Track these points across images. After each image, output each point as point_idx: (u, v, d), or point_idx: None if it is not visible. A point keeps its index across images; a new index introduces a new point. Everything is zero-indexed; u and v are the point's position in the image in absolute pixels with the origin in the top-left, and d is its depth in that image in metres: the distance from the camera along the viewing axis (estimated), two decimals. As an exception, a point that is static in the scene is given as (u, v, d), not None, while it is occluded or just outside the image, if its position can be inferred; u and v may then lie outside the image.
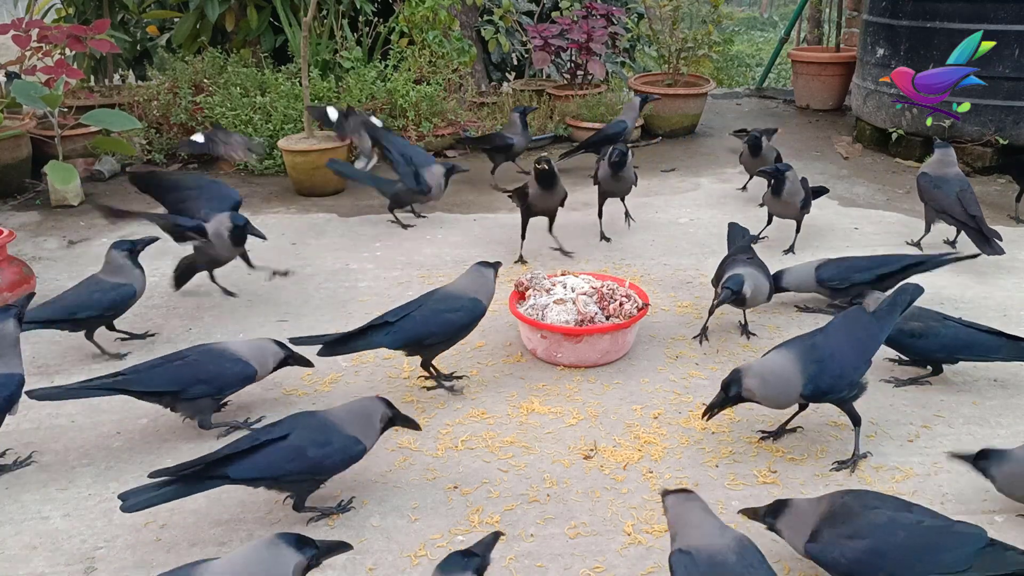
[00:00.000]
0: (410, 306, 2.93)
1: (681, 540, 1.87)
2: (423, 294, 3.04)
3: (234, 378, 2.73)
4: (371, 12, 6.22)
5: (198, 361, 2.70)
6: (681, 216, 4.77)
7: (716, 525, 1.90)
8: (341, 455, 2.32)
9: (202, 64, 5.91)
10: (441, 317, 2.89)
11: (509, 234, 4.46)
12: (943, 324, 2.92)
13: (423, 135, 5.84)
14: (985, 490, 2.44)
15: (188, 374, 2.66)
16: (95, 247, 4.46)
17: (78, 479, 2.57)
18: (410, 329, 2.85)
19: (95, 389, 2.63)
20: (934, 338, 2.89)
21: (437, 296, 2.99)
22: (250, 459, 2.23)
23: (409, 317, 2.86)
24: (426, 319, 2.87)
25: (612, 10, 6.67)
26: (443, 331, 2.91)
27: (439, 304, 2.93)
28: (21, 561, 2.24)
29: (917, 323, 2.91)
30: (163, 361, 2.72)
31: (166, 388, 2.65)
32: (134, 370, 2.70)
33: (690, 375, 3.11)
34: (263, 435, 2.29)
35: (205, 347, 2.82)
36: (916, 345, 2.92)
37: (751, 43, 12.12)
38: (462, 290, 3.02)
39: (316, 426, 2.33)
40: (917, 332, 2.90)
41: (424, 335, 2.88)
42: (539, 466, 2.60)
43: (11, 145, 5.21)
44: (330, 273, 4.07)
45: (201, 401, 2.69)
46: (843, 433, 2.73)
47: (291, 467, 2.25)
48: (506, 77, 7.80)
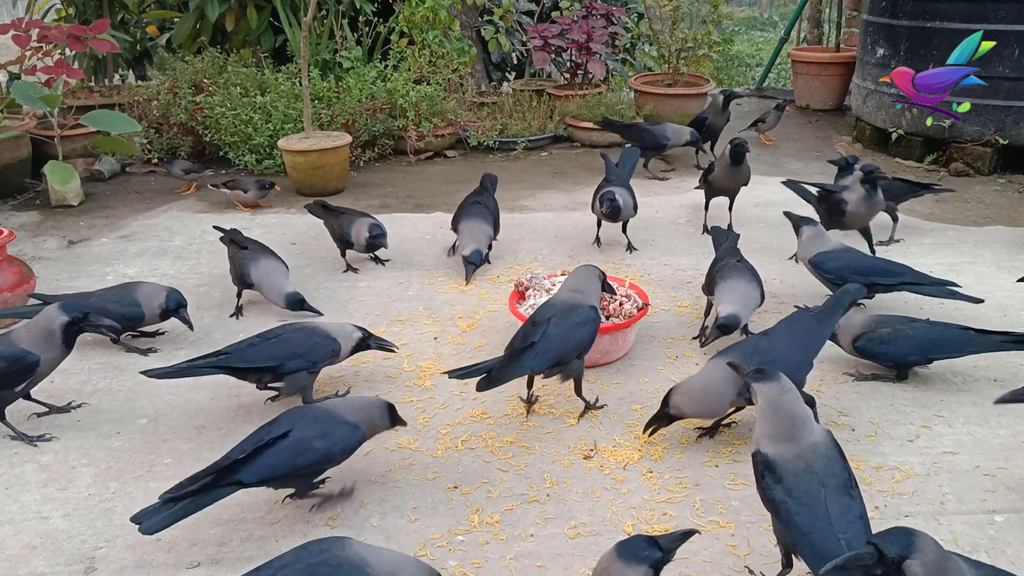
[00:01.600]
0: (537, 326, 2.73)
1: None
2: (541, 307, 2.87)
3: (324, 352, 2.85)
4: (371, 12, 6.22)
5: (292, 338, 2.85)
6: (681, 216, 4.77)
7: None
8: (345, 442, 2.35)
9: (202, 64, 5.91)
10: (577, 331, 2.75)
11: (508, 233, 4.46)
12: (910, 326, 2.94)
13: (423, 135, 5.85)
14: (985, 490, 2.44)
15: (285, 350, 2.80)
16: (95, 247, 4.47)
17: (78, 479, 2.57)
18: (554, 349, 2.69)
19: (200, 368, 2.76)
20: (904, 342, 2.91)
21: (559, 308, 2.81)
22: (259, 460, 2.23)
23: (547, 336, 2.69)
24: (565, 335, 2.72)
25: (612, 10, 6.68)
26: (579, 345, 2.77)
27: (570, 317, 2.77)
28: (21, 561, 2.24)
29: (885, 329, 2.92)
30: (259, 340, 2.86)
31: (266, 363, 2.78)
32: (234, 348, 2.83)
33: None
34: (265, 435, 2.29)
35: (295, 325, 2.95)
36: (888, 352, 2.93)
37: (751, 43, 12.11)
38: (580, 298, 2.85)
39: (315, 418, 2.36)
40: (886, 338, 2.91)
41: (565, 352, 2.72)
42: (539, 466, 2.60)
43: (11, 145, 5.21)
44: (330, 273, 4.07)
45: (299, 375, 2.79)
46: (841, 433, 2.73)
47: (301, 461, 2.27)
48: (506, 77, 7.80)
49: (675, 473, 2.55)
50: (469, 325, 3.52)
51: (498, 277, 3.98)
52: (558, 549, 2.25)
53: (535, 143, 6.19)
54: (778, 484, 1.97)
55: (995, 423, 2.78)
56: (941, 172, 5.45)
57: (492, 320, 3.55)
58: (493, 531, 2.32)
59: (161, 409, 2.94)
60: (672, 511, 2.39)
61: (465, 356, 3.27)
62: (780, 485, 1.96)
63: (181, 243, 4.49)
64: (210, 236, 4.55)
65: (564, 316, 2.77)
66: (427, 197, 5.18)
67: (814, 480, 1.93)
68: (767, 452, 2.02)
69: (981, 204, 4.85)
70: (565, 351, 2.72)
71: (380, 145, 5.91)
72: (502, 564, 2.19)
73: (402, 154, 5.99)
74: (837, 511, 1.88)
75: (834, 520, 1.87)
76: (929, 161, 5.56)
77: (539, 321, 2.76)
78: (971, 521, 2.32)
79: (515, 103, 6.43)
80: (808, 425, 2.04)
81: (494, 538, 2.29)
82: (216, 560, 2.23)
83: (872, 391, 2.98)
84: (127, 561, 2.23)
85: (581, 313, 2.80)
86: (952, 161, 5.45)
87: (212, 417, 2.89)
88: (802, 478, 1.95)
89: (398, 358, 3.26)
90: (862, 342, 2.97)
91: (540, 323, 2.74)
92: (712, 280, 3.24)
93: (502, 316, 3.51)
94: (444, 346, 3.36)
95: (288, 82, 5.72)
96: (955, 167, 5.41)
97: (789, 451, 1.99)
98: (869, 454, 2.62)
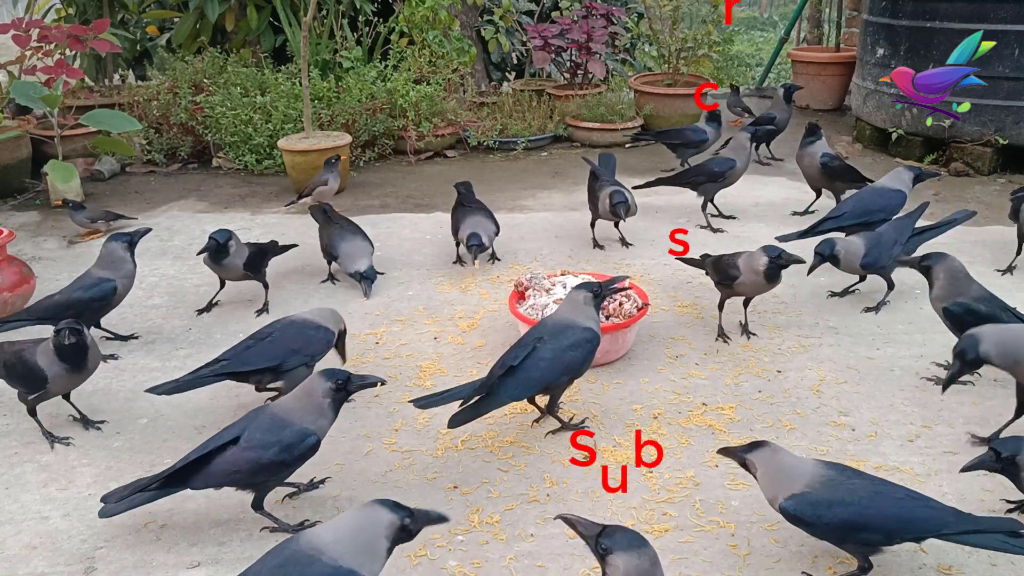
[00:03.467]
0: (521, 349, 2.60)
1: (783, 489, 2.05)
2: (532, 328, 2.74)
3: (320, 344, 2.83)
4: (371, 12, 6.22)
5: (287, 334, 2.82)
6: (681, 216, 4.76)
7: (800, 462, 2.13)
8: (291, 451, 2.24)
9: (202, 64, 5.91)
10: (567, 356, 2.61)
11: (508, 233, 4.46)
12: (1006, 314, 2.81)
13: (423, 135, 5.85)
14: (984, 490, 2.44)
15: (282, 348, 2.77)
16: (95, 247, 4.44)
17: (78, 479, 2.57)
18: (537, 376, 2.57)
19: (204, 378, 2.73)
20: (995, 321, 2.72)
21: (548, 328, 2.69)
22: (205, 469, 2.21)
23: (532, 360, 2.56)
24: (553, 359, 2.58)
25: (612, 10, 6.68)
26: (569, 369, 2.64)
27: (560, 340, 2.62)
28: (21, 561, 2.24)
29: (984, 306, 2.79)
30: (254, 341, 2.82)
31: (267, 364, 2.75)
32: (233, 353, 2.80)
33: (690, 375, 3.11)
34: (214, 442, 2.25)
35: (284, 321, 2.91)
36: (972, 325, 2.64)
37: (751, 43, 12.11)
38: (572, 319, 2.71)
39: (267, 424, 2.26)
40: (983, 313, 2.76)
41: (551, 378, 2.60)
42: (539, 466, 2.60)
43: (11, 145, 5.21)
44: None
45: (298, 371, 2.76)
46: (843, 433, 2.73)
47: (243, 471, 2.21)
48: (506, 77, 7.80)
49: (675, 473, 2.54)
50: (469, 325, 3.52)
51: (498, 277, 3.98)
52: (558, 549, 2.25)
53: (535, 143, 6.19)
54: (830, 508, 2.01)
55: (995, 423, 2.77)
56: (941, 172, 5.45)
57: (492, 320, 3.55)
58: (493, 531, 2.32)
59: (161, 409, 2.94)
60: (672, 511, 2.39)
61: (465, 356, 3.27)
62: (832, 508, 2.01)
63: (181, 243, 4.49)
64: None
65: (554, 337, 2.61)
66: (427, 197, 5.18)
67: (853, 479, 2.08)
68: (790, 506, 2.06)
69: (981, 204, 4.85)
70: (551, 376, 2.58)
71: (380, 145, 5.92)
72: (502, 564, 2.20)
73: (402, 154, 5.99)
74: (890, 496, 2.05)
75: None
76: (929, 161, 5.56)
77: (525, 342, 2.61)
78: (971, 521, 2.32)
79: (515, 103, 6.43)
80: (803, 468, 2.11)
81: (494, 538, 2.29)
82: (216, 560, 2.23)
83: (872, 391, 2.98)
84: (127, 561, 2.23)
85: (573, 334, 2.63)
86: (952, 161, 5.45)
87: (212, 417, 2.89)
88: (843, 485, 2.05)
89: (398, 358, 3.26)
90: (954, 307, 2.83)
91: (526, 345, 2.59)
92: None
93: (502, 316, 3.51)
94: (444, 346, 3.36)
95: (288, 82, 5.72)
96: (955, 167, 5.41)
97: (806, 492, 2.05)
98: (869, 454, 2.62)
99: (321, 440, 2.30)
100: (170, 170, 5.80)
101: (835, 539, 2.06)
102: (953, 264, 2.90)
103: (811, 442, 2.69)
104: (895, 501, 2.03)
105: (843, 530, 2.01)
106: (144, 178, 5.73)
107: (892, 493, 2.06)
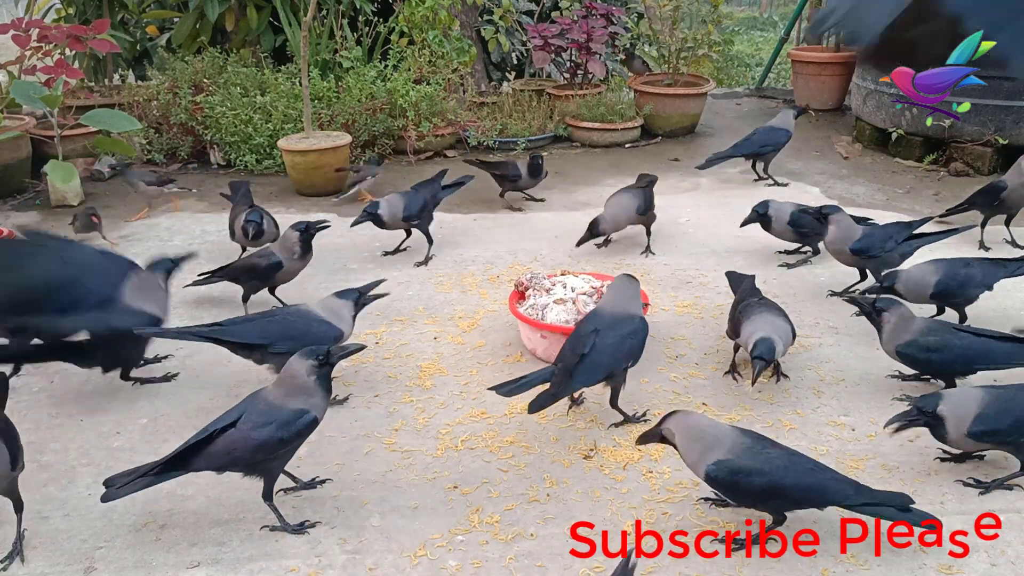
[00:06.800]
0: (585, 338, 2.70)
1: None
2: (586, 318, 2.87)
3: (320, 338, 2.78)
4: (371, 12, 6.22)
5: (287, 320, 2.86)
6: (681, 216, 4.77)
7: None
8: (288, 428, 2.24)
9: (202, 64, 5.91)
10: (627, 342, 2.74)
11: (508, 233, 4.47)
12: (956, 335, 2.86)
13: (423, 135, 5.85)
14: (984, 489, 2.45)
15: (277, 330, 2.80)
16: (97, 242, 4.46)
17: (78, 479, 2.57)
18: (605, 362, 2.68)
19: (194, 335, 2.80)
20: (949, 351, 2.82)
21: (605, 319, 2.78)
22: (206, 450, 2.23)
23: (597, 349, 2.67)
24: (615, 346, 2.70)
25: (612, 10, 6.68)
26: (630, 355, 2.76)
27: (618, 329, 2.74)
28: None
29: (932, 337, 2.84)
30: (258, 316, 2.89)
31: (257, 341, 2.78)
32: (231, 322, 2.87)
33: (690, 375, 3.11)
34: (214, 425, 2.27)
35: (295, 308, 2.99)
36: (932, 360, 2.84)
37: (751, 43, 12.11)
38: (626, 308, 2.84)
39: (262, 408, 2.27)
40: (933, 346, 2.82)
41: (616, 364, 2.72)
42: (539, 466, 2.60)
43: (11, 145, 5.21)
44: (330, 272, 4.07)
45: (285, 357, 2.71)
46: (843, 433, 2.73)
47: (243, 449, 2.22)
48: (506, 77, 7.80)
49: (675, 473, 2.54)
50: (469, 325, 3.52)
51: (498, 277, 3.98)
52: (558, 549, 2.25)
53: (535, 143, 6.18)
54: (750, 476, 2.15)
55: (995, 423, 2.77)
56: (941, 172, 5.45)
57: (492, 320, 3.55)
58: (493, 531, 2.32)
59: (161, 409, 2.94)
60: (672, 511, 2.39)
61: (465, 356, 3.27)
62: (751, 477, 2.15)
63: (181, 243, 4.48)
64: (210, 236, 4.57)
65: (612, 327, 2.74)
66: (427, 197, 5.17)
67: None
68: (714, 471, 2.18)
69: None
70: (616, 363, 2.72)
71: (380, 145, 5.91)
72: (502, 564, 2.20)
73: (402, 154, 5.99)
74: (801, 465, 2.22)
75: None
76: (929, 161, 5.56)
77: (584, 334, 2.72)
78: (971, 521, 2.32)
79: (515, 103, 6.43)
80: (721, 431, 2.26)
81: (494, 538, 2.29)
82: (216, 560, 2.23)
83: (872, 391, 2.98)
84: (127, 561, 2.23)
85: (630, 324, 2.79)
86: (952, 161, 5.45)
87: (212, 417, 2.86)
88: (761, 454, 2.19)
89: (398, 358, 3.26)
90: (906, 348, 2.86)
91: (586, 336, 2.70)
92: (736, 321, 3.01)
93: (502, 316, 3.51)
94: (444, 346, 3.36)
95: (288, 82, 5.72)
96: (955, 167, 5.41)
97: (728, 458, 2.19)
98: (869, 454, 2.62)
99: (319, 419, 2.31)
100: (170, 170, 5.79)
101: (750, 503, 2.26)
102: (902, 311, 2.90)
103: (811, 442, 2.69)
104: (807, 472, 2.19)
105: (761, 496, 2.19)
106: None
107: (803, 464, 2.21)
